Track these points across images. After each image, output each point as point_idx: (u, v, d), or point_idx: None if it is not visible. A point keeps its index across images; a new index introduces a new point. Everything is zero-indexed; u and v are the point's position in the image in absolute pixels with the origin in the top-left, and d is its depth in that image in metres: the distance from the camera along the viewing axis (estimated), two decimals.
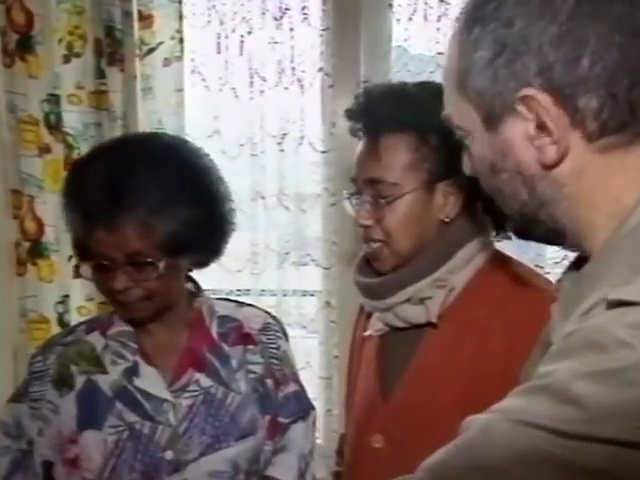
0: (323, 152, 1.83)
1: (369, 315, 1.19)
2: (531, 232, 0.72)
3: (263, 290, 1.85)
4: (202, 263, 1.19)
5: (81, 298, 1.73)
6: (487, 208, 1.08)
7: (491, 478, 0.54)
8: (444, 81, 0.71)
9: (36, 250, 1.72)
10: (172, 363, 1.15)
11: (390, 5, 1.76)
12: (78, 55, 1.70)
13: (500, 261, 1.10)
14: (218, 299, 1.27)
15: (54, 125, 1.70)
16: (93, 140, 1.70)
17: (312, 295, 1.90)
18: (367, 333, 1.19)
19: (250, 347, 1.21)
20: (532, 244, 1.03)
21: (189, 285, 1.21)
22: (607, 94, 0.59)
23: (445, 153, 0.94)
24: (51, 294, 1.73)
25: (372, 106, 1.10)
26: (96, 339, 1.17)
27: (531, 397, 0.53)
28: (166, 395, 1.13)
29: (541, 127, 0.61)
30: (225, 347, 1.19)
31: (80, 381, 1.14)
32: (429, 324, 1.06)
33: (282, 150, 1.86)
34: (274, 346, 1.23)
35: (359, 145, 1.13)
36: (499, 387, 0.75)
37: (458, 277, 1.07)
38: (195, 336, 1.17)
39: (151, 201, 1.02)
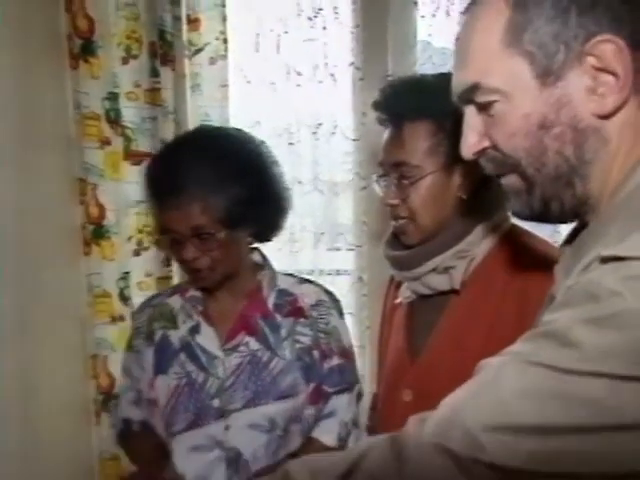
0: (354, 140, 1.85)
1: (398, 285, 1.23)
2: (553, 201, 0.69)
3: (300, 269, 1.88)
4: (262, 237, 1.27)
5: (141, 274, 1.79)
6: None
7: (504, 410, 0.56)
8: (473, 51, 0.68)
9: (99, 232, 1.79)
10: (228, 326, 1.24)
11: (415, 3, 1.79)
12: (135, 57, 1.74)
13: (516, 234, 1.12)
14: (284, 274, 1.33)
15: (114, 120, 1.75)
16: (148, 132, 1.75)
17: (345, 274, 1.92)
18: (397, 301, 1.22)
19: (301, 320, 1.27)
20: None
21: (256, 258, 1.29)
22: None
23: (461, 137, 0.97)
24: (113, 271, 1.79)
25: (395, 98, 1.14)
26: (175, 301, 1.28)
27: (537, 341, 0.57)
28: (218, 352, 1.22)
29: (608, 74, 0.61)
30: (278, 317, 1.26)
31: (158, 335, 1.26)
32: (452, 291, 1.10)
33: (317, 139, 1.88)
34: (324, 321, 1.29)
35: (385, 133, 1.16)
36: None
37: (478, 248, 1.10)
38: (252, 304, 1.26)
39: (208, 184, 1.12)
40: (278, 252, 1.88)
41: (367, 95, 1.78)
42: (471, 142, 0.71)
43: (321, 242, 1.94)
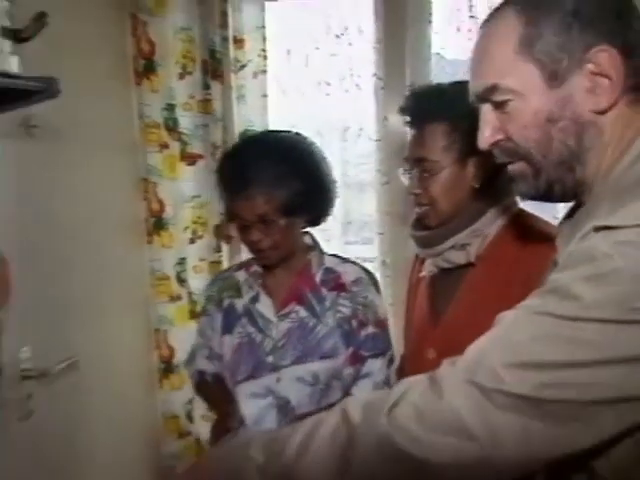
0: (377, 141, 1.91)
1: (422, 261, 1.30)
2: (555, 184, 0.73)
3: None
4: (314, 222, 1.39)
5: (195, 259, 1.89)
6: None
7: (519, 351, 0.61)
8: (491, 58, 0.73)
9: (159, 224, 1.89)
10: (282, 296, 1.36)
11: (430, 21, 1.83)
12: (189, 73, 1.83)
13: (523, 216, 1.18)
14: (329, 255, 1.43)
15: (171, 127, 1.85)
16: (200, 137, 1.85)
17: (369, 260, 1.93)
18: (422, 274, 1.29)
19: (342, 294, 1.36)
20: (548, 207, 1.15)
21: (308, 240, 1.41)
22: None
23: (473, 135, 0.92)
24: (171, 257, 1.90)
25: (417, 103, 1.21)
26: (240, 275, 1.41)
27: (544, 296, 0.62)
28: (273, 318, 1.35)
29: (604, 77, 0.67)
30: (323, 291, 1.36)
31: (226, 302, 1.40)
32: (469, 264, 1.17)
33: (344, 140, 1.99)
34: (362, 295, 1.37)
35: (409, 134, 1.23)
36: None
37: (490, 228, 1.16)
38: (302, 279, 1.37)
39: (272, 179, 1.25)
40: None
41: (388, 102, 1.86)
42: (487, 135, 0.76)
43: (349, 231, 2.03)
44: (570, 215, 0.79)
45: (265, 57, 1.87)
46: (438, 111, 1.15)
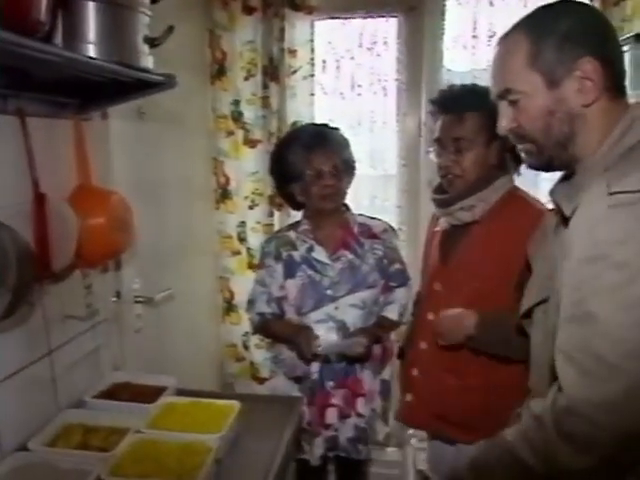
0: (397, 131, 2.05)
1: (437, 219, 1.40)
2: (554, 158, 0.82)
3: None
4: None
5: (253, 222, 2.07)
6: (514, 158, 1.23)
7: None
8: (507, 68, 0.82)
9: (225, 194, 2.09)
10: (331, 245, 1.55)
11: (442, 40, 1.96)
12: (253, 76, 1.99)
13: (516, 190, 1.29)
14: (359, 214, 1.60)
15: (237, 118, 2.02)
16: (260, 126, 2.00)
17: None
18: (436, 229, 1.40)
19: (375, 240, 1.55)
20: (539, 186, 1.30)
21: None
22: (617, 67, 0.79)
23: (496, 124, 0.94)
24: (234, 220, 2.09)
25: (457, 96, 1.28)
26: (292, 234, 1.58)
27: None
28: (328, 261, 1.53)
29: (588, 81, 0.76)
30: (362, 239, 1.55)
31: (285, 255, 1.55)
32: (474, 222, 1.27)
33: (372, 131, 2.10)
34: (389, 241, 1.56)
35: (439, 120, 1.29)
36: (508, 257, 1.11)
37: (492, 196, 1.25)
38: (345, 232, 1.56)
39: (339, 143, 1.49)
40: None
41: (408, 102, 2.01)
42: (504, 123, 0.86)
43: (374, 204, 2.16)
44: (564, 179, 0.88)
45: (313, 64, 1.99)
46: (476, 103, 1.22)
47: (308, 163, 1.49)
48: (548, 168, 0.87)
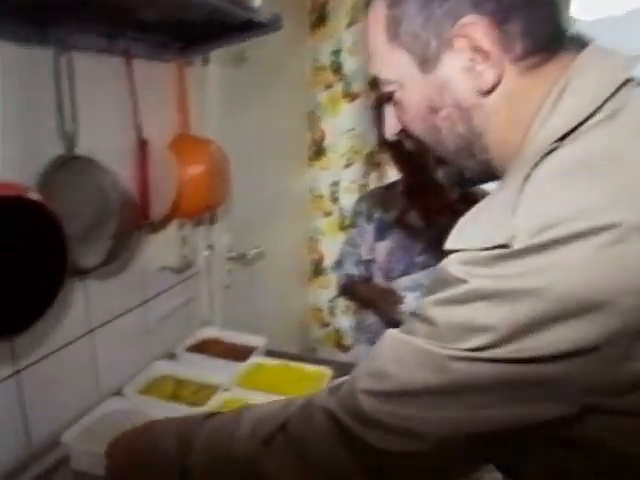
0: None
1: None
2: (467, 170, 0.60)
3: None
4: None
5: (347, 182, 2.04)
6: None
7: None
8: (371, 50, 0.60)
9: (320, 150, 2.05)
10: (427, 210, 1.45)
11: None
12: (356, 22, 1.91)
13: None
14: None
15: (336, 69, 1.96)
16: (360, 78, 1.92)
17: None
18: None
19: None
20: None
21: None
22: (529, 17, 0.51)
23: None
24: (327, 178, 2.07)
25: None
26: (386, 194, 1.51)
27: (412, 322, 0.52)
28: (422, 226, 1.44)
29: (479, 53, 0.52)
30: (459, 206, 1.39)
31: (376, 216, 1.50)
32: None
33: None
34: None
35: None
36: None
37: None
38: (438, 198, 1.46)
39: None
40: None
41: None
42: (389, 125, 0.64)
43: None
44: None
45: None
46: None
47: None
48: (465, 181, 0.63)
